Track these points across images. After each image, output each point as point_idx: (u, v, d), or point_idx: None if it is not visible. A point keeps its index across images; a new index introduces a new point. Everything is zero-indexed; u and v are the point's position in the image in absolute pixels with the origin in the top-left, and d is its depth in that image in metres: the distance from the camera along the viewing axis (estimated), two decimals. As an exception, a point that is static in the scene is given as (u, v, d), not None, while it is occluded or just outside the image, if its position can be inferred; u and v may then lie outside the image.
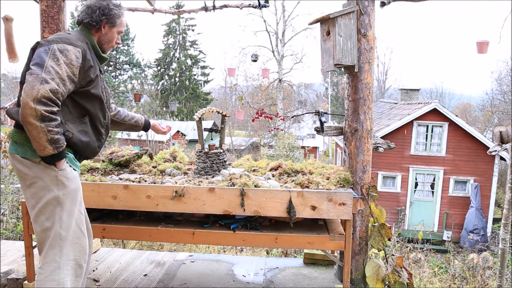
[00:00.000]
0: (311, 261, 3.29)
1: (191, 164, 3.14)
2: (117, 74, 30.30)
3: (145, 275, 3.04)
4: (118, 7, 2.13)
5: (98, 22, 2.07)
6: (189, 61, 35.14)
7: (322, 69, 2.83)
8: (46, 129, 1.77)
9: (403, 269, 2.49)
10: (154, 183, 2.56)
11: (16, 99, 2.02)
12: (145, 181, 2.61)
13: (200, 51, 35.59)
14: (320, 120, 2.83)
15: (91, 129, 2.07)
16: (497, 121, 23.70)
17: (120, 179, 2.67)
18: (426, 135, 14.36)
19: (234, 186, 2.45)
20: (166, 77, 35.25)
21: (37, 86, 1.76)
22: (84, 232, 2.06)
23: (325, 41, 2.71)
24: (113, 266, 3.19)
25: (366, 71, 2.69)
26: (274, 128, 18.33)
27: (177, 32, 35.03)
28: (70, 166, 1.98)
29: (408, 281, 2.44)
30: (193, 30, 35.21)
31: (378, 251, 2.69)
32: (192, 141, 23.84)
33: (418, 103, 15.30)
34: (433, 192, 14.52)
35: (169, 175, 2.79)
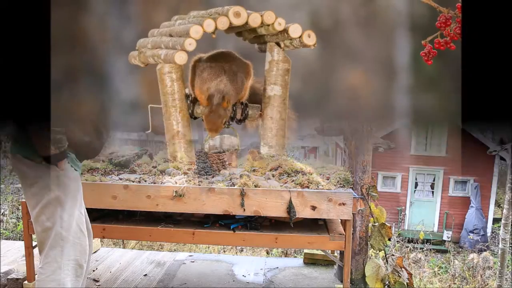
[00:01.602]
0: (311, 261, 3.29)
1: (191, 164, 3.14)
2: (117, 74, 30.34)
3: (145, 275, 3.05)
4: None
5: (99, 22, 2.07)
6: (189, 61, 35.19)
7: (322, 69, 2.84)
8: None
9: (403, 269, 2.49)
10: (154, 183, 2.56)
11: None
12: (145, 181, 2.62)
13: (200, 51, 35.66)
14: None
15: (93, 129, 2.08)
16: (497, 121, 23.67)
17: (120, 179, 2.67)
18: (426, 135, 14.34)
19: (234, 186, 2.45)
20: (166, 77, 35.32)
21: (38, 86, 1.76)
22: (84, 232, 2.06)
23: (325, 41, 2.71)
24: (113, 266, 3.19)
25: (366, 71, 2.69)
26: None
27: (177, 32, 35.12)
28: (72, 166, 1.98)
29: (408, 281, 2.45)
30: (193, 30, 35.30)
31: (378, 251, 2.69)
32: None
33: (418, 103, 15.26)
34: (433, 192, 14.51)
35: (169, 175, 2.79)
